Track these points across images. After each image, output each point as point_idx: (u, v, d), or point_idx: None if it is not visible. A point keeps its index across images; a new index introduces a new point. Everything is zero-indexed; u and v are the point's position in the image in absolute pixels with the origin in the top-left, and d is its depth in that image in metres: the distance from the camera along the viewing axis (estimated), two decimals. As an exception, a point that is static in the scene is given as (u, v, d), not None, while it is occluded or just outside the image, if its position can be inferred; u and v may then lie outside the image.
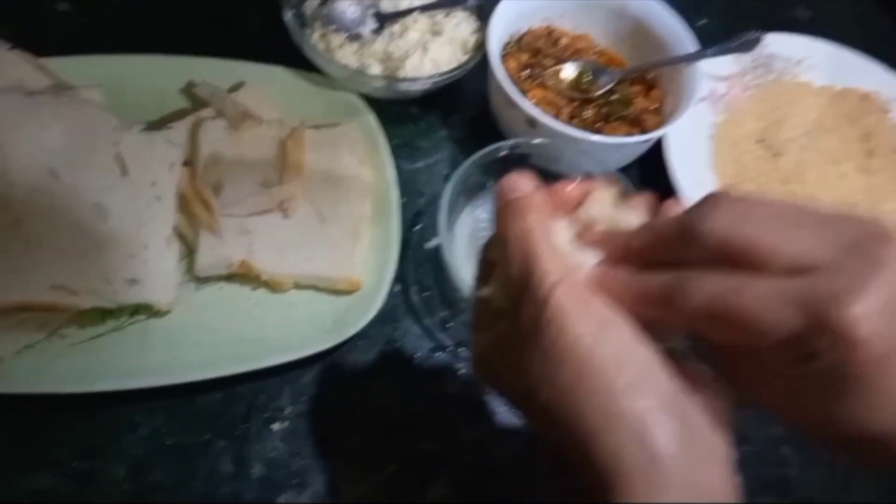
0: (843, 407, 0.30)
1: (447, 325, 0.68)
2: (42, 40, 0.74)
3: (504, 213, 0.37)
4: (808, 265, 0.29)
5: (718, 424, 0.33)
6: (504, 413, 0.64)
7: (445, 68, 0.77)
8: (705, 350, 0.36)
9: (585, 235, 0.38)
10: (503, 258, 0.36)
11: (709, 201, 0.33)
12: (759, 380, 0.34)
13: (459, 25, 0.82)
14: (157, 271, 0.62)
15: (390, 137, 0.75)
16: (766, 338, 0.29)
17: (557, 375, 0.32)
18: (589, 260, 0.37)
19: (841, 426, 0.30)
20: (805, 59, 0.89)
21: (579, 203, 0.40)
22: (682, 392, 0.33)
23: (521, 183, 0.38)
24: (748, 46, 0.80)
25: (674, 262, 0.34)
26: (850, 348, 0.28)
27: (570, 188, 0.40)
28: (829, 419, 0.31)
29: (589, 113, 0.78)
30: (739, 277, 0.30)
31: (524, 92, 0.77)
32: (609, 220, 0.38)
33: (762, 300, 0.29)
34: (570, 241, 0.38)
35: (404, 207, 0.72)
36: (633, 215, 0.39)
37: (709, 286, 0.31)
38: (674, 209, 0.38)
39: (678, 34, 0.79)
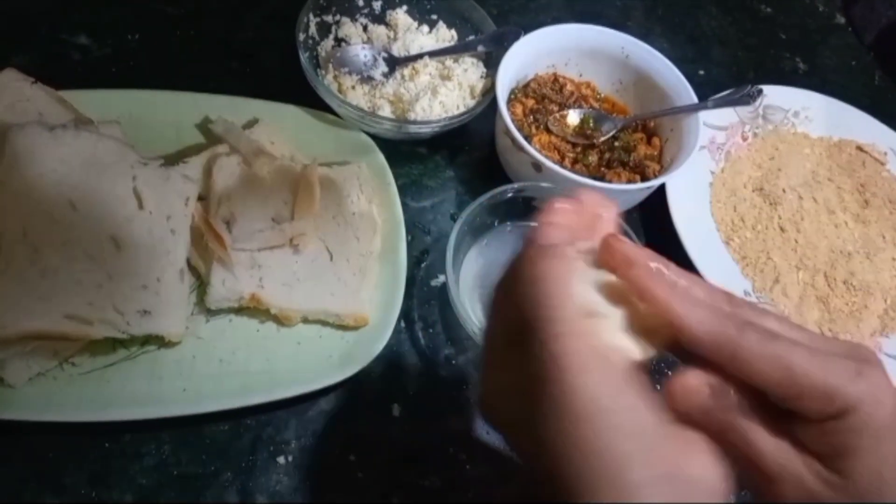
0: (857, 457, 0.34)
1: (452, 362, 0.69)
2: (62, 73, 0.76)
3: (528, 252, 0.36)
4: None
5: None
6: (505, 452, 0.65)
7: (454, 112, 0.80)
8: None
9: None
10: (515, 296, 0.35)
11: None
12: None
13: (468, 71, 0.84)
14: (169, 303, 0.63)
15: (398, 176, 0.77)
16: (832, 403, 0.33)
17: (558, 427, 0.31)
18: (609, 315, 0.35)
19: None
20: (802, 110, 0.92)
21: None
22: (679, 463, 0.32)
23: (554, 225, 0.38)
24: (748, 100, 0.83)
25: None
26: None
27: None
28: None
29: (592, 158, 0.80)
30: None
31: (530, 137, 0.79)
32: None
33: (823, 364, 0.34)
34: (592, 288, 0.35)
35: (410, 245, 0.73)
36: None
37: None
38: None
39: (679, 85, 0.81)
